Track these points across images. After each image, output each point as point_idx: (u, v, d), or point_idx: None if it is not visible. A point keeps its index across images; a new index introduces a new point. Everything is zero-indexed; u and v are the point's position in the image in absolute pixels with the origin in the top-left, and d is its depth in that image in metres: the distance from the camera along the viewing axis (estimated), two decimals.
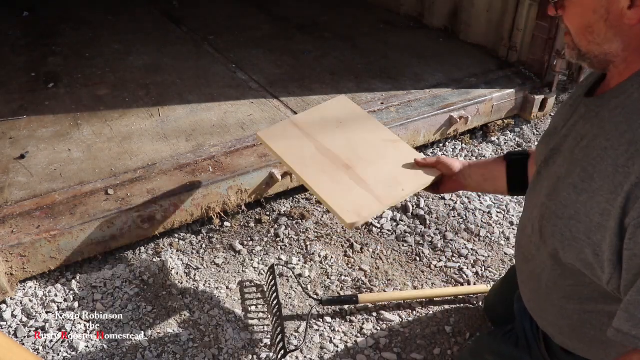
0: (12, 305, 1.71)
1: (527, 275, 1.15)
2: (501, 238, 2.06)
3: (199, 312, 1.72)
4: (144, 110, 2.45)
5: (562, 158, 0.99)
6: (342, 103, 1.80)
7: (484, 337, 1.43)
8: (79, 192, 1.88)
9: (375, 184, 1.44)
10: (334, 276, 1.89)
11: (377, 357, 1.60)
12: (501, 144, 2.68)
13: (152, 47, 3.17)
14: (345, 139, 1.60)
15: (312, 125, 1.66)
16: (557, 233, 0.95)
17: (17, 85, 2.70)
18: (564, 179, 0.94)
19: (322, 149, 1.56)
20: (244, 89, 2.66)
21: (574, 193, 0.91)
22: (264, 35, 3.37)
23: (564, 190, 0.93)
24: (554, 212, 0.95)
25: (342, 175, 1.47)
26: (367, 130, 1.66)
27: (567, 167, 0.95)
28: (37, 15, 3.78)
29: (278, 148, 1.57)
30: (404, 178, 1.47)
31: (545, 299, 1.09)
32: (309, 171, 1.48)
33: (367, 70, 2.87)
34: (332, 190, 1.42)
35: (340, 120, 1.69)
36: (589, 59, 0.93)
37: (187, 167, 2.02)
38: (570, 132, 0.99)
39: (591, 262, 0.90)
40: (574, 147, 0.95)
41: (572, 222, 0.91)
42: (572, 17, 0.91)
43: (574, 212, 0.90)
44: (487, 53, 3.11)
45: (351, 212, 1.35)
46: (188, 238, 2.05)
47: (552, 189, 0.98)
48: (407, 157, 1.54)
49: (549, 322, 1.13)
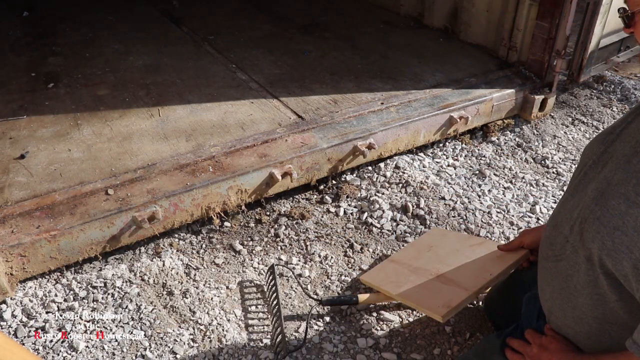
0: (12, 305, 1.71)
1: (554, 273, 1.12)
2: (501, 238, 2.06)
3: (199, 312, 1.72)
4: (144, 110, 2.45)
5: (615, 163, 0.96)
6: (434, 233, 1.96)
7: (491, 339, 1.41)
8: (79, 192, 1.88)
9: (464, 278, 1.53)
10: (334, 276, 1.89)
11: (377, 357, 1.60)
12: (501, 144, 2.68)
13: (152, 47, 3.17)
14: (435, 256, 1.73)
15: (407, 256, 1.81)
16: (597, 239, 0.93)
17: (17, 85, 2.70)
18: (616, 187, 0.92)
19: (414, 269, 1.69)
20: (244, 89, 2.66)
21: (625, 204, 0.89)
22: (264, 35, 3.37)
23: (614, 198, 0.91)
24: (599, 218, 0.93)
25: (432, 282, 1.59)
26: (456, 242, 1.78)
27: (621, 174, 0.92)
28: (37, 15, 3.79)
29: (376, 281, 1.72)
30: (491, 265, 1.54)
31: (569, 300, 1.07)
32: (402, 289, 1.61)
33: (367, 70, 2.87)
34: (422, 296, 1.55)
35: (431, 245, 1.83)
36: None
37: (187, 167, 2.01)
38: (630, 139, 0.96)
39: (627, 273, 0.88)
40: (632, 156, 0.92)
41: (617, 233, 0.89)
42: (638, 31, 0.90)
43: (622, 223, 0.88)
44: (487, 53, 3.11)
45: (441, 307, 1.45)
46: (188, 238, 2.05)
47: (600, 194, 0.95)
48: (493, 248, 1.61)
49: (565, 324, 1.11)
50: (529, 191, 2.34)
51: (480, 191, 2.32)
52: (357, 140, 2.26)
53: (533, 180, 2.41)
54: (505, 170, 2.48)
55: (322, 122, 2.32)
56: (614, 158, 0.98)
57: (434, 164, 2.50)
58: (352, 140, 2.25)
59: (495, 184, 2.38)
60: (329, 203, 2.25)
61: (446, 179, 2.39)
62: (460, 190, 2.31)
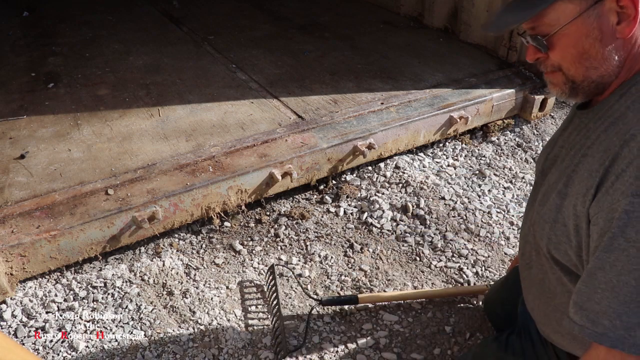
0: (12, 305, 1.71)
1: (530, 281, 1.16)
2: (501, 238, 2.06)
3: (199, 312, 1.72)
4: (144, 110, 2.45)
5: (555, 167, 1.03)
6: None
7: (488, 342, 1.41)
8: (79, 192, 1.88)
9: None
10: (334, 276, 1.89)
11: (377, 357, 1.60)
12: (501, 144, 2.68)
13: (152, 47, 3.17)
14: None
15: None
16: (544, 236, 0.99)
17: (17, 85, 2.70)
18: (553, 186, 0.99)
19: None
20: (244, 89, 2.66)
21: (558, 198, 0.95)
22: (264, 35, 3.38)
23: (551, 196, 0.98)
24: (542, 216, 0.99)
25: None
26: None
27: (558, 175, 0.99)
28: (37, 15, 3.79)
29: None
30: None
31: (548, 304, 1.10)
32: None
33: (367, 70, 2.87)
34: None
35: None
36: (584, 88, 0.93)
37: (187, 167, 2.01)
38: (564, 143, 1.03)
39: (576, 263, 0.93)
40: (565, 157, 0.99)
41: (557, 226, 0.95)
42: (565, 50, 0.91)
43: (558, 215, 0.94)
44: (487, 53, 3.11)
45: None
46: (188, 238, 2.05)
47: (543, 196, 1.02)
48: None
49: (552, 330, 1.13)
50: (529, 191, 2.34)
51: (480, 191, 2.32)
52: (357, 140, 2.26)
53: (533, 180, 2.41)
54: (505, 170, 2.48)
55: (322, 122, 2.33)
56: (555, 164, 1.04)
57: (434, 164, 2.49)
58: (352, 140, 2.25)
59: (495, 184, 2.38)
60: (329, 203, 2.25)
61: (446, 179, 2.39)
62: (460, 190, 2.31)
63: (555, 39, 0.90)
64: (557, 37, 0.90)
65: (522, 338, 1.28)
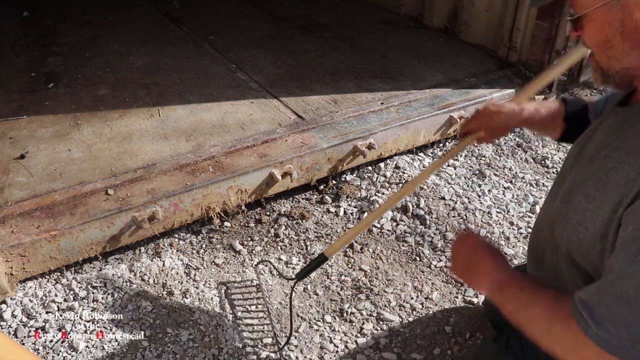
0: (12, 305, 1.71)
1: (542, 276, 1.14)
2: (501, 238, 2.06)
3: (199, 312, 1.72)
4: (144, 110, 2.45)
5: (582, 165, 1.00)
6: None
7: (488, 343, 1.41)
8: (79, 192, 1.88)
9: None
10: (334, 276, 1.89)
11: (377, 357, 1.60)
12: (501, 144, 2.68)
13: (152, 47, 3.17)
14: None
15: None
16: (564, 236, 0.97)
17: (17, 85, 2.70)
18: (579, 186, 0.96)
19: None
20: (244, 89, 2.66)
21: (585, 201, 0.92)
22: (264, 35, 3.38)
23: (577, 196, 0.95)
24: (564, 215, 0.97)
25: None
26: None
27: (584, 174, 0.96)
28: (37, 15, 3.79)
29: None
30: None
31: None
32: None
33: (367, 70, 2.87)
34: None
35: None
36: (612, 77, 0.92)
37: (187, 167, 2.01)
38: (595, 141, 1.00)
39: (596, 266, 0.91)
40: (594, 156, 0.96)
41: (580, 229, 0.92)
42: (592, 34, 0.91)
43: (583, 218, 0.92)
44: (487, 53, 3.11)
45: None
46: (188, 238, 2.05)
47: (567, 193, 0.99)
48: None
49: None
50: (529, 191, 2.34)
51: (480, 191, 2.32)
52: (357, 140, 2.26)
53: (533, 180, 2.41)
54: (505, 170, 2.49)
55: (322, 122, 2.33)
56: (582, 160, 1.01)
57: None
58: (352, 140, 2.25)
59: (495, 184, 2.38)
60: (329, 203, 2.25)
61: (446, 179, 2.39)
62: (460, 190, 2.31)
63: (585, 21, 0.91)
64: (586, 20, 0.90)
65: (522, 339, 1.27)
